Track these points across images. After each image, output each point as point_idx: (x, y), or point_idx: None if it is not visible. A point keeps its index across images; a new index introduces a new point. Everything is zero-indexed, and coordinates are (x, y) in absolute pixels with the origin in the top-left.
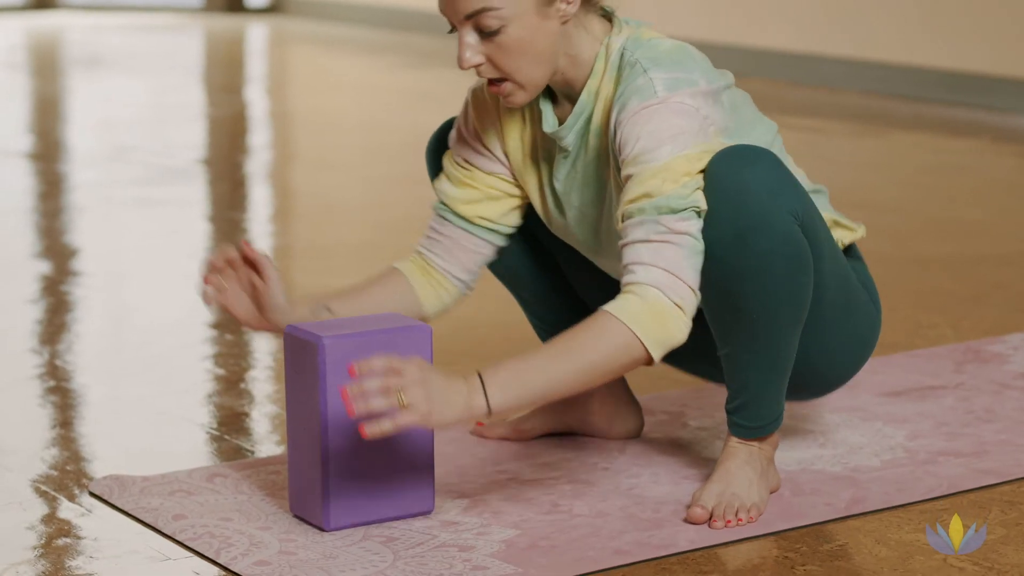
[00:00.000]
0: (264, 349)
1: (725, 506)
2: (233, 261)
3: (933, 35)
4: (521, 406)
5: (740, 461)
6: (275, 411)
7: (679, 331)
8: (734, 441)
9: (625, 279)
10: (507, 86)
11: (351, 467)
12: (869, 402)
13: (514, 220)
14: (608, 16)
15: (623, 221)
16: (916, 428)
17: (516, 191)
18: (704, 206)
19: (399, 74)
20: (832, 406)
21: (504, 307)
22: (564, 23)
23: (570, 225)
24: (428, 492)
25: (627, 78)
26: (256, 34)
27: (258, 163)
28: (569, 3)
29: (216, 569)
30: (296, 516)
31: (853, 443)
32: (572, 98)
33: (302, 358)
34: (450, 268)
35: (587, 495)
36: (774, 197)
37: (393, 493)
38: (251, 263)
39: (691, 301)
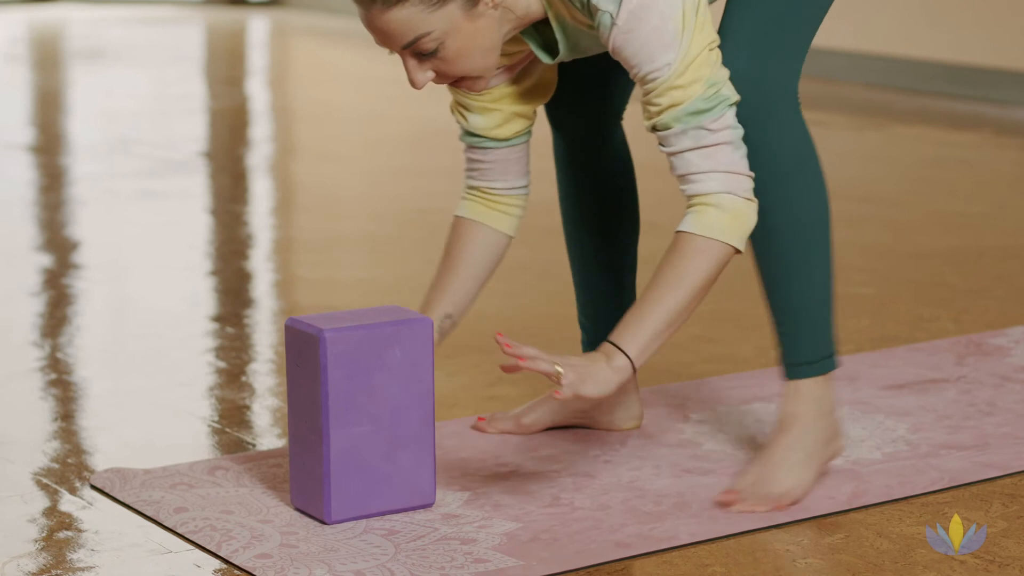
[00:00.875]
0: (265, 342)
1: (755, 493)
2: None
3: (935, 27)
4: (655, 348)
5: (789, 443)
6: (276, 404)
7: (753, 218)
8: (788, 406)
9: (690, 189)
10: (465, 83)
11: (352, 460)
12: (870, 395)
13: (533, 118)
14: None
15: (657, 130)
16: (918, 421)
17: (529, 100)
18: (733, 95)
19: (400, 66)
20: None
21: (505, 300)
22: (496, 8)
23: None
24: (429, 485)
25: (588, 12)
26: (257, 27)
27: (259, 156)
28: None
29: (217, 562)
30: (297, 509)
31: (855, 436)
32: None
33: (303, 351)
34: (512, 184)
35: (588, 488)
36: (753, 84)
37: (394, 486)
38: None
39: (752, 186)
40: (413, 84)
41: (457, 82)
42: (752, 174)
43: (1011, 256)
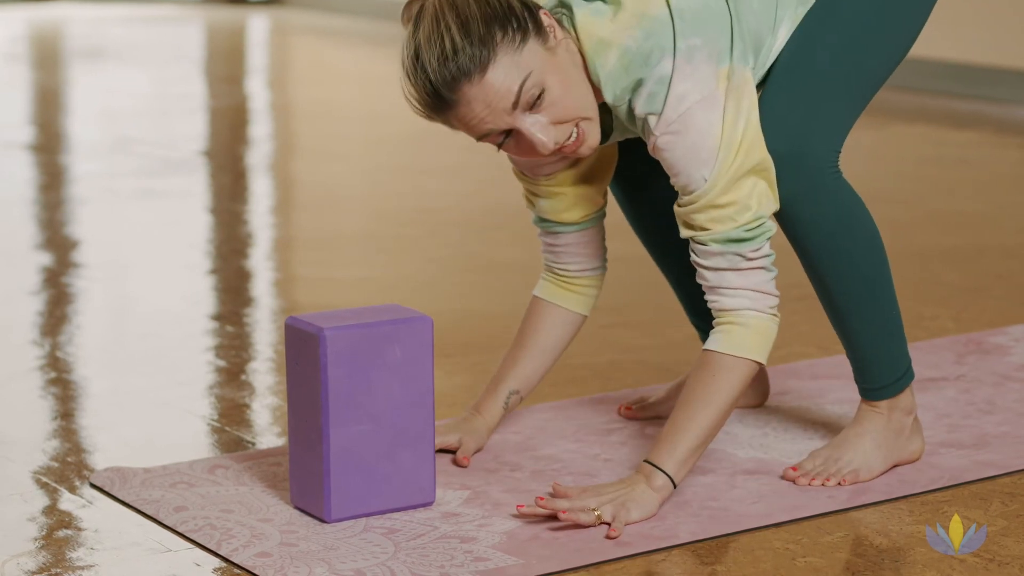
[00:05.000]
0: (265, 341)
1: (821, 471)
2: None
3: (935, 26)
4: (691, 465)
5: (862, 429)
6: (276, 403)
7: (775, 332)
8: (863, 406)
9: (719, 303)
10: (582, 130)
11: (352, 458)
12: None
13: (603, 200)
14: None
15: (695, 241)
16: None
17: (592, 180)
18: (772, 227)
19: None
20: (833, 398)
21: (501, 298)
22: (560, 42)
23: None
24: (429, 484)
25: (629, 103)
26: (257, 25)
27: (259, 154)
28: (551, 26)
29: (217, 561)
30: (297, 508)
31: None
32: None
33: (303, 349)
34: (585, 266)
35: None
36: (794, 162)
37: (394, 484)
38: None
39: (776, 303)
40: (544, 148)
41: (575, 141)
42: (778, 294)
43: (1011, 255)
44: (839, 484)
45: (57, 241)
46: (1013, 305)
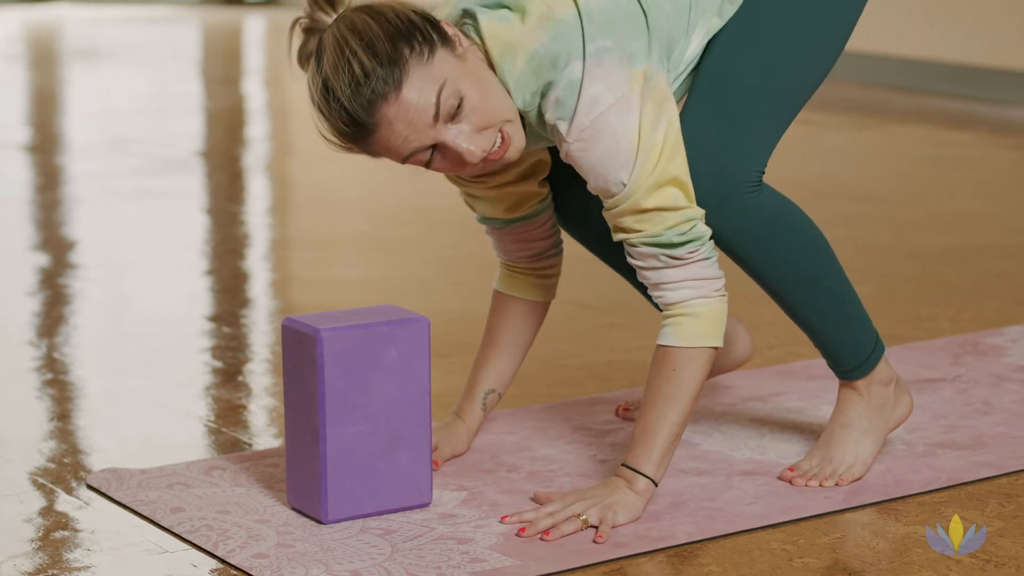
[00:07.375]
0: (262, 342)
1: (817, 472)
2: None
3: (931, 27)
4: (669, 460)
5: (846, 420)
6: (273, 404)
7: (725, 310)
8: (842, 389)
9: (664, 298)
10: (506, 133)
11: (349, 460)
12: None
13: (546, 188)
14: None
15: (628, 244)
16: (914, 421)
17: (530, 177)
18: (705, 232)
19: None
20: (831, 399)
21: None
22: (467, 48)
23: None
24: (426, 484)
25: (539, 108)
26: (254, 26)
27: (256, 155)
28: (456, 35)
29: (214, 562)
30: (294, 509)
31: None
32: None
33: (300, 351)
34: (535, 252)
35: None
36: (712, 183)
37: (391, 485)
38: None
39: (722, 284)
40: (473, 158)
41: (500, 147)
42: (721, 274)
43: (1009, 255)
44: (836, 484)
45: (54, 241)
46: (1010, 305)
